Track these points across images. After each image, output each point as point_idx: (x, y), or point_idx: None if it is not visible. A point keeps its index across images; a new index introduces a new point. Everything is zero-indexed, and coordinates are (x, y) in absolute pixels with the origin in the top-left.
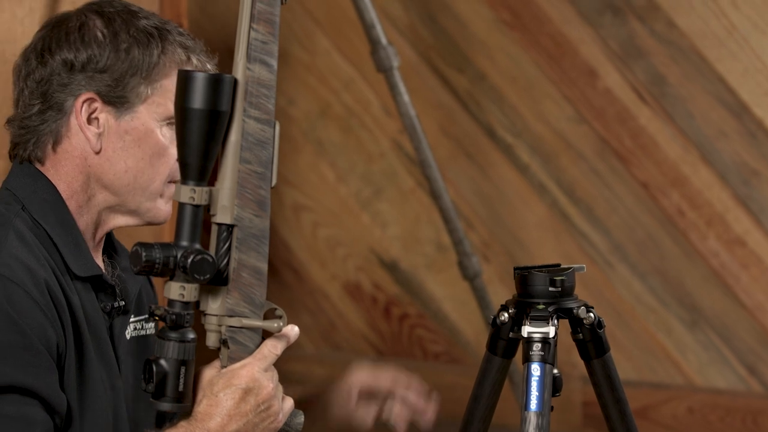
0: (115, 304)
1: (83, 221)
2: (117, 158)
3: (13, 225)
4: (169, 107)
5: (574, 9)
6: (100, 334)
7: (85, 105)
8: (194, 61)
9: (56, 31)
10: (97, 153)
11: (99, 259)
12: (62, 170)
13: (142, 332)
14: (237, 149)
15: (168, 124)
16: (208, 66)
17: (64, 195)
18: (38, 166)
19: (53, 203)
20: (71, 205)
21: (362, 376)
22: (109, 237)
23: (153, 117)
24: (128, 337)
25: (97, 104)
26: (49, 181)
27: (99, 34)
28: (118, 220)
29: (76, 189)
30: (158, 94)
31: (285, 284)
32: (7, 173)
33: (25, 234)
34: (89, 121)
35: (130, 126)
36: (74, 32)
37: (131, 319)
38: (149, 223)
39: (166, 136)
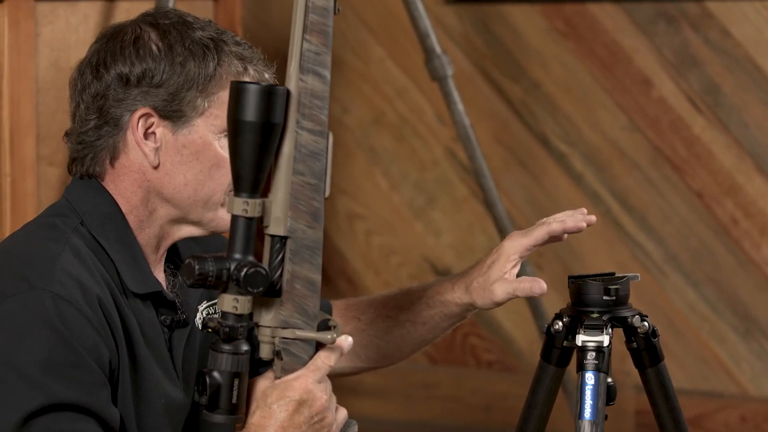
0: (176, 318)
1: (144, 235)
2: (176, 172)
3: (69, 241)
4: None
5: (628, 18)
6: (160, 350)
7: (141, 120)
8: (251, 71)
9: (111, 45)
10: (156, 168)
11: (160, 272)
12: (121, 185)
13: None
14: (290, 161)
15: (226, 135)
16: (266, 75)
17: (124, 209)
18: (98, 180)
19: (113, 219)
20: (131, 219)
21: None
22: (173, 247)
23: (210, 129)
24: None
25: (154, 119)
26: (110, 195)
27: (154, 48)
28: (183, 231)
29: (136, 203)
30: (215, 106)
31: (339, 292)
32: (60, 181)
33: (81, 250)
34: (146, 135)
35: (188, 140)
36: (129, 46)
37: (202, 306)
38: (213, 233)
39: (225, 148)
